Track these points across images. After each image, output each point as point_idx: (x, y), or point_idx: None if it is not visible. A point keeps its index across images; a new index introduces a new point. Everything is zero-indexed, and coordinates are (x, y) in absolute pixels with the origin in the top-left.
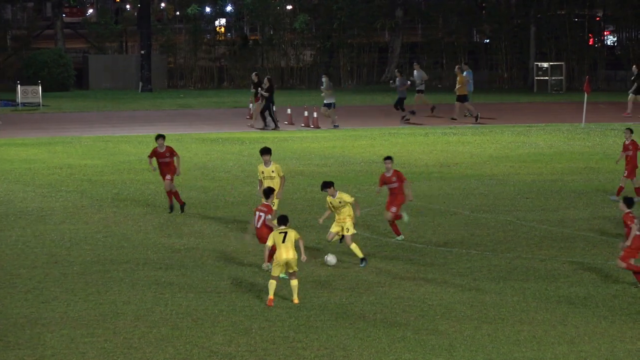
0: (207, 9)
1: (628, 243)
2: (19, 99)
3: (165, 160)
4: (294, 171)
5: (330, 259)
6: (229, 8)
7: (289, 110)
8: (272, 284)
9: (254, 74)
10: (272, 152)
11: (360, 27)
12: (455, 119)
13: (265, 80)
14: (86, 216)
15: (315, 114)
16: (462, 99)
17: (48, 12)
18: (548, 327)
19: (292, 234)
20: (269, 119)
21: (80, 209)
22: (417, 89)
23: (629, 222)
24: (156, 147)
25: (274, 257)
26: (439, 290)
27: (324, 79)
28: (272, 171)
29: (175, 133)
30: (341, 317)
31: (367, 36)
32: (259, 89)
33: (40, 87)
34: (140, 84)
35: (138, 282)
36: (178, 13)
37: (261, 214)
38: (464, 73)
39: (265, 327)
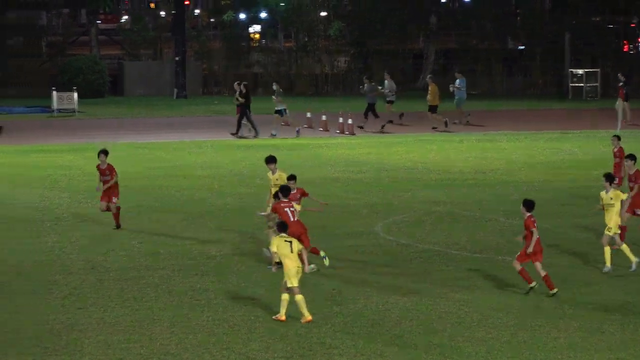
0: (242, 16)
1: (530, 250)
2: (55, 105)
3: (105, 178)
4: (330, 178)
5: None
6: (263, 14)
7: (323, 117)
8: (286, 300)
9: (236, 83)
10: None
11: (395, 34)
12: (435, 128)
13: (242, 87)
14: (122, 223)
15: (350, 121)
16: (433, 109)
17: (83, 19)
18: (585, 333)
19: (296, 244)
20: (248, 126)
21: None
22: (387, 99)
23: (530, 227)
24: (99, 164)
25: (286, 268)
26: (475, 297)
27: (275, 87)
28: (277, 179)
29: (210, 139)
30: (377, 324)
31: (401, 42)
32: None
33: (75, 94)
34: (175, 90)
35: (174, 289)
36: (213, 20)
37: (291, 209)
38: (457, 81)
39: (302, 334)
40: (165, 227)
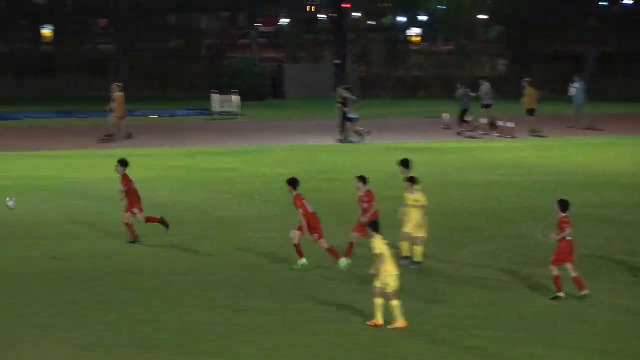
0: (402, 19)
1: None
2: (215, 108)
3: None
4: (490, 181)
5: (11, 204)
6: (423, 17)
7: (483, 120)
8: (380, 304)
9: (341, 87)
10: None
11: (554, 37)
12: (540, 132)
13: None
14: (281, 225)
15: (509, 124)
16: (531, 112)
17: (241, 22)
18: None
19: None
20: (348, 132)
21: (275, 217)
22: (484, 103)
23: (564, 227)
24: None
25: (386, 270)
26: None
27: (347, 94)
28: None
29: (368, 142)
30: (537, 327)
31: (561, 46)
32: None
33: (237, 97)
34: (335, 93)
35: (335, 291)
36: (373, 23)
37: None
38: (575, 84)
39: (458, 337)
40: (324, 230)
